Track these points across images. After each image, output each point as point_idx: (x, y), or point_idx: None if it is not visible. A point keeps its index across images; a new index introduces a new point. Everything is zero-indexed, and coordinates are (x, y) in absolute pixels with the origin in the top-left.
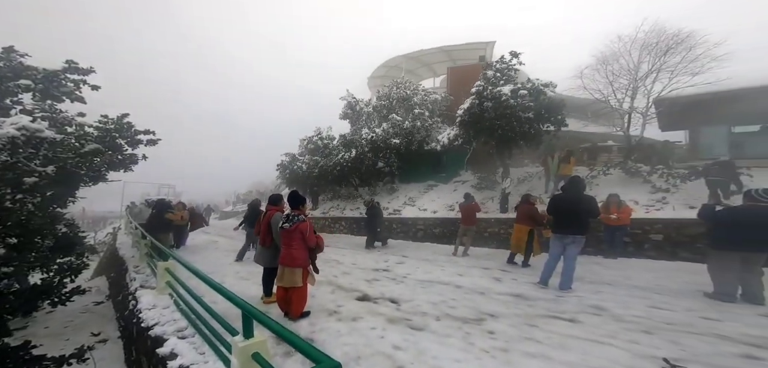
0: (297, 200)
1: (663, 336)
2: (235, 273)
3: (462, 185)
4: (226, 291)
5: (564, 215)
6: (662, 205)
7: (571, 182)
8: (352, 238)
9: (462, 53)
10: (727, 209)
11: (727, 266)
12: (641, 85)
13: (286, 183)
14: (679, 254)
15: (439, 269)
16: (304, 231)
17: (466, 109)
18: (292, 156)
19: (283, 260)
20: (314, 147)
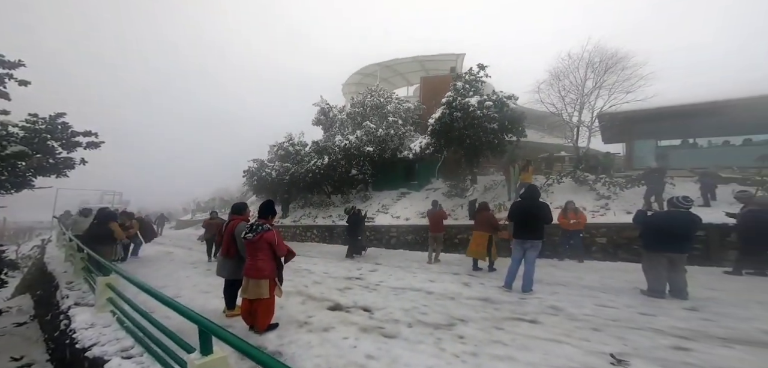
0: (268, 210)
1: (610, 333)
2: (194, 286)
3: (434, 193)
4: (177, 305)
5: (523, 221)
6: (605, 211)
7: (528, 191)
8: (324, 247)
9: (434, 64)
10: (655, 215)
11: (656, 265)
12: (587, 101)
13: (254, 190)
14: (619, 255)
15: (412, 276)
16: (272, 241)
17: (437, 118)
18: (260, 162)
19: (248, 271)
20: (285, 153)
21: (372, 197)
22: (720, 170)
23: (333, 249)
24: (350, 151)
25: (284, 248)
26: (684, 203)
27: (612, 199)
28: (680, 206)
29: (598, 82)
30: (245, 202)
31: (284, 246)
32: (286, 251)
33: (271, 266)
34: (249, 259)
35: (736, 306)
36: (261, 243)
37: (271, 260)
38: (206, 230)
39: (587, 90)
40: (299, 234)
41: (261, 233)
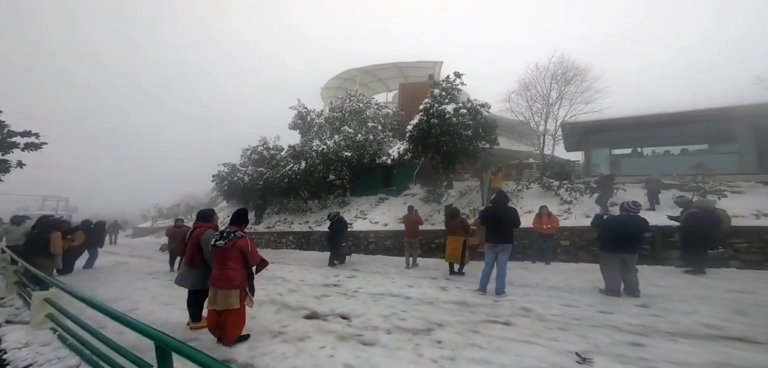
0: (242, 218)
1: (574, 332)
2: (153, 298)
3: (412, 198)
4: (127, 318)
5: (493, 226)
6: (568, 215)
7: (497, 197)
8: (300, 253)
9: (413, 70)
10: (609, 218)
11: (611, 265)
12: (551, 111)
13: (224, 196)
14: (580, 256)
15: (390, 281)
16: (245, 248)
17: (415, 125)
18: (232, 167)
19: (216, 281)
20: (259, 158)
21: (350, 203)
22: (662, 177)
23: (310, 256)
24: (328, 156)
25: (257, 257)
26: (633, 208)
27: (573, 204)
28: (630, 210)
29: (560, 93)
30: (213, 209)
31: (257, 255)
32: (259, 260)
33: (242, 276)
34: (217, 268)
35: (680, 302)
36: (233, 251)
37: (243, 269)
38: (170, 239)
39: (552, 100)
40: (274, 241)
41: (233, 241)
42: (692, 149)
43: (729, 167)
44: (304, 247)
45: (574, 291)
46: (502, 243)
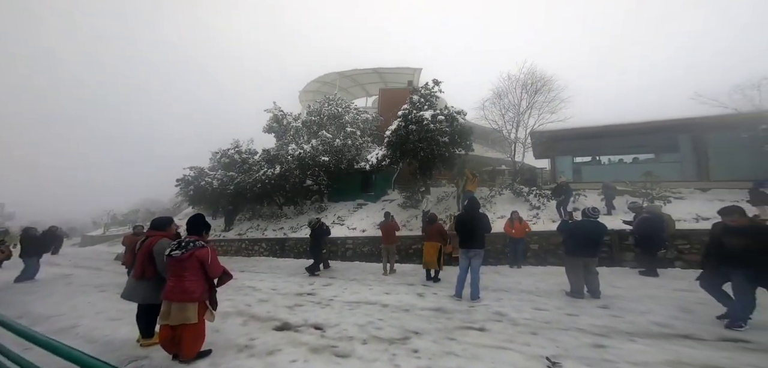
0: (199, 225)
1: (545, 336)
2: (98, 313)
3: (390, 204)
4: (41, 338)
5: (466, 231)
6: (537, 220)
7: (469, 203)
8: (274, 261)
9: (393, 76)
10: (572, 224)
11: (576, 269)
12: (522, 119)
13: (189, 201)
14: (548, 259)
15: (367, 289)
16: (204, 258)
17: (394, 130)
18: (199, 171)
19: (170, 293)
20: (230, 161)
21: (327, 209)
22: (617, 184)
23: (285, 263)
24: (305, 160)
25: (219, 268)
26: (593, 214)
27: (542, 209)
28: (590, 216)
29: (530, 102)
30: (170, 217)
31: (219, 266)
32: (220, 272)
33: (201, 288)
34: (172, 280)
35: (635, 301)
36: (191, 262)
37: (202, 282)
38: (127, 248)
39: (522, 109)
40: (245, 248)
41: (192, 251)
42: (642, 158)
43: (672, 174)
44: (278, 254)
45: (544, 294)
46: (475, 249)
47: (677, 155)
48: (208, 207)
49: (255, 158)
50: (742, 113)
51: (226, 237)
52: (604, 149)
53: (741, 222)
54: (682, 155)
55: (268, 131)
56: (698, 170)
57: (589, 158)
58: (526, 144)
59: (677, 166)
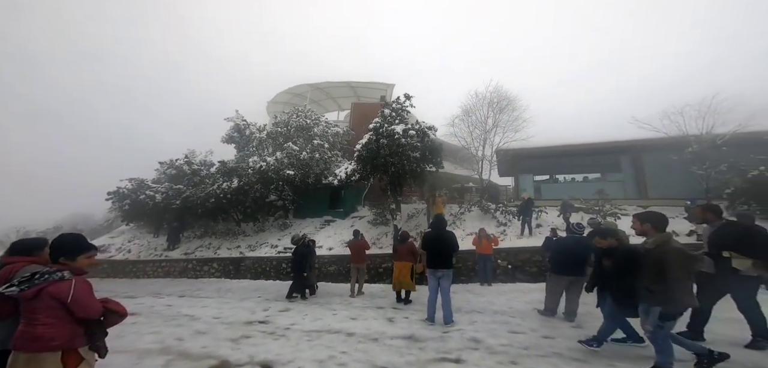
0: (66, 248)
1: (524, 364)
2: None
3: (359, 221)
4: None
5: (433, 251)
6: (504, 236)
7: (435, 221)
8: (226, 283)
9: (366, 91)
10: (558, 241)
11: (558, 287)
12: (488, 137)
13: (124, 217)
14: (517, 276)
15: (331, 314)
16: (62, 295)
17: (364, 144)
18: (138, 182)
19: (18, 341)
20: (177, 173)
21: (292, 226)
22: (572, 201)
23: (238, 286)
24: (268, 174)
25: (94, 308)
26: (578, 229)
27: (508, 226)
28: (576, 232)
29: (495, 121)
30: (44, 238)
31: (94, 304)
32: (98, 312)
33: (62, 333)
34: (23, 323)
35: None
36: (42, 301)
37: (65, 325)
38: None
39: (488, 127)
40: (192, 269)
41: (40, 286)
42: (591, 177)
43: (617, 193)
44: (232, 275)
45: (517, 314)
46: (442, 268)
47: (620, 174)
48: (150, 223)
49: (211, 170)
50: (671, 137)
51: (170, 258)
52: (560, 168)
53: (603, 244)
54: (624, 175)
55: (227, 141)
56: (638, 189)
57: (547, 176)
58: (492, 162)
59: (620, 185)
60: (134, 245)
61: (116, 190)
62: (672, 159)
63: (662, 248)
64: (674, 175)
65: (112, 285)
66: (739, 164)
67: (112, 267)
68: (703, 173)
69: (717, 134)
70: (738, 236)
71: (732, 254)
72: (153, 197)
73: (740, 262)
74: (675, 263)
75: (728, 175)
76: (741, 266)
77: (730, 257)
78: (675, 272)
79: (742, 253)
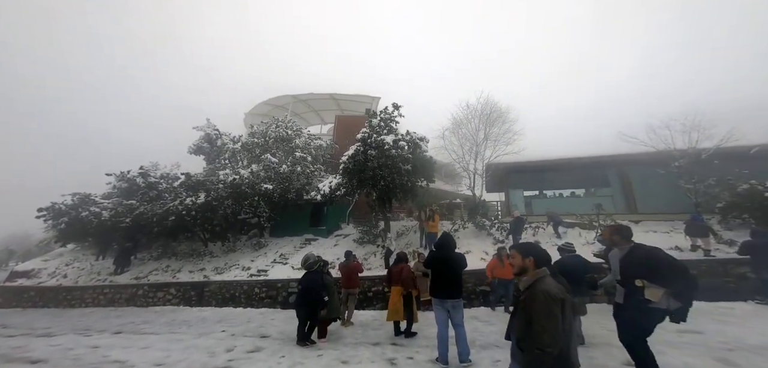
0: None
1: None
2: None
3: (344, 240)
4: None
5: (442, 277)
6: None
7: (443, 240)
8: (185, 312)
9: (350, 103)
10: (554, 262)
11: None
12: (480, 151)
13: (60, 237)
14: None
15: (315, 356)
16: None
17: (351, 156)
18: (82, 197)
19: None
20: (129, 186)
21: (268, 245)
22: (564, 216)
23: (199, 316)
24: (241, 188)
25: None
26: (568, 247)
27: (505, 243)
28: (566, 250)
29: (486, 134)
30: None
31: None
32: None
33: None
34: None
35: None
36: None
37: None
38: None
39: (479, 140)
40: (143, 296)
41: None
42: (577, 192)
43: (607, 208)
44: (195, 303)
45: None
46: (453, 298)
47: (609, 189)
48: (95, 244)
49: (175, 184)
50: (656, 151)
51: (115, 283)
52: (549, 183)
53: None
54: (613, 189)
55: (195, 152)
56: (627, 204)
57: (536, 192)
58: (484, 177)
59: (609, 200)
60: (72, 269)
61: (51, 206)
62: (659, 173)
63: (531, 290)
64: (662, 189)
65: (33, 317)
66: (726, 177)
67: (40, 295)
68: (691, 188)
69: (702, 148)
70: (648, 262)
71: (644, 283)
72: (99, 214)
73: (652, 293)
74: (541, 311)
75: (717, 189)
76: (653, 297)
77: (642, 286)
78: (541, 321)
79: (655, 282)
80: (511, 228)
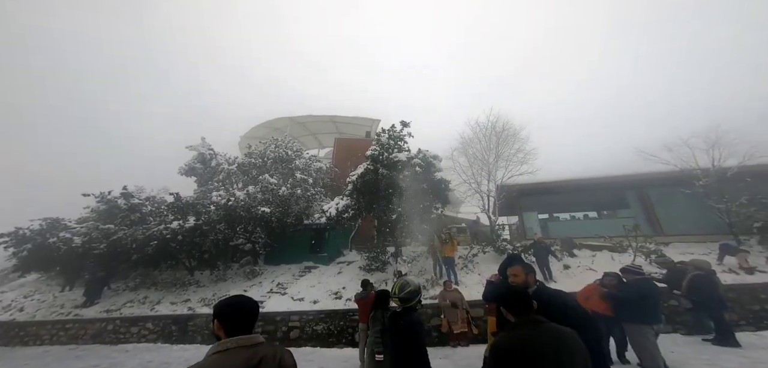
0: None
1: None
2: None
3: (348, 267)
4: None
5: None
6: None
7: (513, 259)
8: (160, 351)
9: (349, 127)
10: (638, 283)
11: (650, 338)
12: (491, 171)
13: (20, 266)
14: None
15: None
16: None
17: (360, 175)
18: (52, 222)
19: None
20: (109, 209)
21: (263, 274)
22: (591, 240)
23: (182, 355)
24: (236, 211)
25: None
26: (638, 270)
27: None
28: (635, 273)
29: (497, 154)
30: None
31: None
32: None
33: None
34: None
35: None
36: None
37: None
38: None
39: (491, 159)
40: (113, 332)
41: None
42: (591, 215)
43: (624, 230)
44: (176, 339)
45: None
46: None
47: (629, 210)
48: (65, 274)
49: (162, 207)
50: (678, 170)
51: (81, 317)
52: (564, 206)
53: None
54: (633, 211)
55: (187, 173)
56: (651, 226)
57: (547, 215)
58: (496, 199)
59: (631, 222)
60: (31, 302)
61: (15, 231)
62: (683, 193)
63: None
64: (687, 210)
65: None
66: (758, 197)
67: None
68: (722, 208)
69: (727, 166)
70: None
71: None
72: (69, 241)
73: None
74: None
75: (752, 208)
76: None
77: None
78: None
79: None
80: (535, 253)
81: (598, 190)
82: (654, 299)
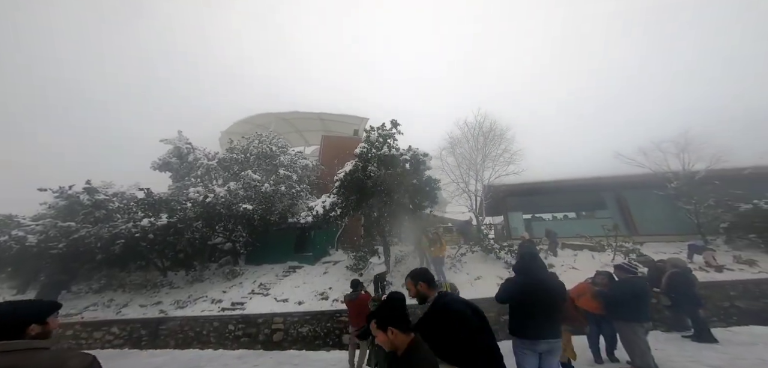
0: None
1: None
2: None
3: (334, 267)
4: None
5: (533, 310)
6: None
7: (530, 260)
8: (128, 359)
9: (336, 124)
10: (630, 282)
11: (640, 335)
12: (478, 171)
13: None
14: None
15: None
16: None
17: (349, 172)
18: (2, 219)
19: None
20: (70, 205)
21: (243, 274)
22: (574, 239)
23: (150, 362)
24: (215, 208)
25: None
26: (632, 268)
27: None
28: (631, 271)
29: (484, 154)
30: None
31: None
32: None
33: None
34: None
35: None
36: None
37: None
38: None
39: (479, 159)
40: (73, 338)
41: None
42: (570, 215)
43: (604, 230)
44: (146, 344)
45: None
46: (551, 338)
47: (607, 211)
48: (12, 277)
49: (131, 203)
50: (651, 173)
51: None
52: (546, 206)
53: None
54: (611, 211)
55: (161, 167)
56: (626, 226)
57: (530, 215)
58: (482, 198)
59: (609, 222)
60: None
61: None
62: (656, 195)
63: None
64: (661, 211)
65: None
66: (725, 199)
67: None
68: (691, 209)
69: (695, 170)
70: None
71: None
72: (22, 239)
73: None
74: None
75: (719, 210)
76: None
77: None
78: None
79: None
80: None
81: (577, 191)
82: (646, 297)
